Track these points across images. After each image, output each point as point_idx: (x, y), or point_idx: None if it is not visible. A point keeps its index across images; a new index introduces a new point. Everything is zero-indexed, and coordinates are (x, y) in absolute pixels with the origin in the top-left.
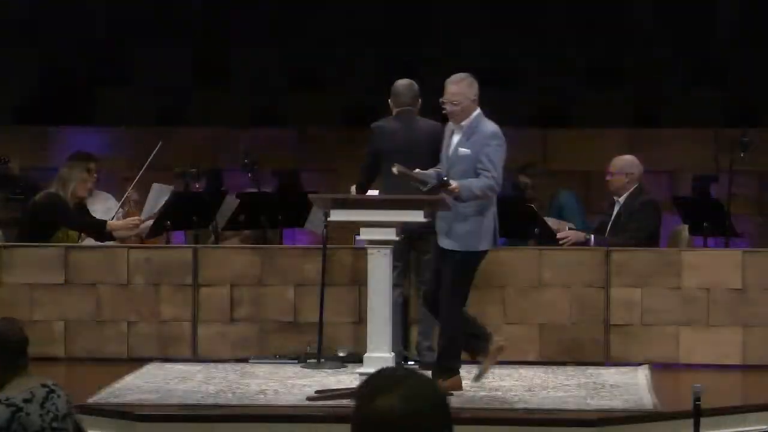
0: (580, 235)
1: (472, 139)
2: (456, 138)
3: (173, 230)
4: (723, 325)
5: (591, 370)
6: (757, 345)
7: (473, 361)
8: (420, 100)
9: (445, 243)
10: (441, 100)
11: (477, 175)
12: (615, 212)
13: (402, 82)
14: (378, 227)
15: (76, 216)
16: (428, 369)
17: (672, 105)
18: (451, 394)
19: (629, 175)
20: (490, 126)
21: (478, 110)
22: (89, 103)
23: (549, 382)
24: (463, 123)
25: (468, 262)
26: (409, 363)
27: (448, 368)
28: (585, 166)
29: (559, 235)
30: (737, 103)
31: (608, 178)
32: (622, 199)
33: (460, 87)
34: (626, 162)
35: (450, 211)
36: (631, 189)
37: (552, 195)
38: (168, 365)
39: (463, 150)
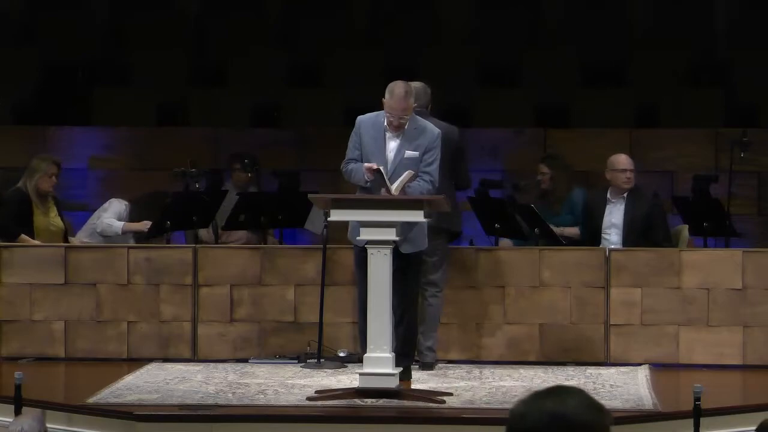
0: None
1: (419, 140)
2: (396, 141)
3: (173, 230)
4: (723, 325)
5: (591, 370)
6: (757, 345)
7: (472, 361)
8: (430, 104)
9: (406, 248)
10: (389, 115)
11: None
12: (624, 211)
13: (417, 85)
14: (378, 227)
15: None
16: (428, 369)
17: (672, 105)
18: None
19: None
20: (433, 127)
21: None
22: (89, 103)
23: (549, 382)
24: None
25: (423, 261)
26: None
27: (409, 368)
28: (585, 166)
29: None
30: (737, 103)
31: (629, 176)
32: (625, 196)
33: (409, 102)
34: (630, 159)
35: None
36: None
37: (567, 191)
38: (168, 365)
39: (410, 153)
